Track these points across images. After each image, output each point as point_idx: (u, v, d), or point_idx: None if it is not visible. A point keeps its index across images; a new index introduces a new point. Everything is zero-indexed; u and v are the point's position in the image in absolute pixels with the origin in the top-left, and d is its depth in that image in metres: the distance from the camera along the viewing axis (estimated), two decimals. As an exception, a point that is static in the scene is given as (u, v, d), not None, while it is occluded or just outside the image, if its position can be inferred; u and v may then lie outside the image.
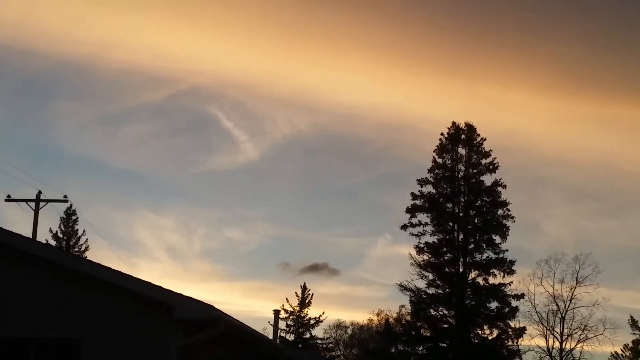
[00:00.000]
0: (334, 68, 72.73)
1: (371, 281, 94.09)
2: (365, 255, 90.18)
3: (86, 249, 49.68)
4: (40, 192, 37.75)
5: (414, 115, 74.81)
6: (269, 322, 44.33)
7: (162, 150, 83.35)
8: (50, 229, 49.55)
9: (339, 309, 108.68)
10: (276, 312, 38.66)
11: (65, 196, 39.10)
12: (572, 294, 51.43)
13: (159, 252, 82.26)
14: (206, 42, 70.89)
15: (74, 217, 50.42)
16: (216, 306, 11.05)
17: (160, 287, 11.19)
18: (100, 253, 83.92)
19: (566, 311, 51.66)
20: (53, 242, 48.08)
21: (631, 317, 58.25)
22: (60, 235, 49.80)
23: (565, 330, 51.84)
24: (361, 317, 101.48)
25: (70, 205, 49.49)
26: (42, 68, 74.35)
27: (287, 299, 52.23)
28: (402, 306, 56.99)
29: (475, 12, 70.30)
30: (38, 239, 35.48)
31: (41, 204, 37.68)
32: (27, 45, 69.40)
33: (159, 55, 74.31)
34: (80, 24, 68.81)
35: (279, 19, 71.11)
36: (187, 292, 11.03)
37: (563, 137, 75.15)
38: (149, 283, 11.31)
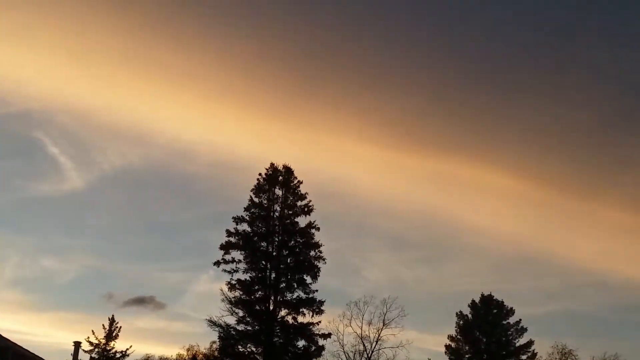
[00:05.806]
0: (171, 104, 72.82)
1: (189, 317, 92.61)
2: (187, 291, 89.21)
3: None
4: None
5: (249, 155, 76.01)
6: (71, 354, 42.77)
7: (-22, 172, 78.92)
8: None
9: (154, 343, 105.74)
10: (76, 344, 37.62)
11: None
12: (379, 335, 53.56)
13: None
14: (40, 65, 68.67)
15: None
16: (19, 337, 10.88)
17: None
18: None
19: (372, 351, 53.64)
20: None
21: (429, 359, 61.84)
22: None
23: (370, 370, 53.66)
24: (173, 352, 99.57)
25: None
26: None
27: (92, 330, 50.45)
28: (214, 342, 56.83)
29: (312, 61, 72.94)
30: None
31: None
32: None
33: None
34: None
35: (117, 50, 70.31)
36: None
37: (390, 188, 78.85)
38: None
